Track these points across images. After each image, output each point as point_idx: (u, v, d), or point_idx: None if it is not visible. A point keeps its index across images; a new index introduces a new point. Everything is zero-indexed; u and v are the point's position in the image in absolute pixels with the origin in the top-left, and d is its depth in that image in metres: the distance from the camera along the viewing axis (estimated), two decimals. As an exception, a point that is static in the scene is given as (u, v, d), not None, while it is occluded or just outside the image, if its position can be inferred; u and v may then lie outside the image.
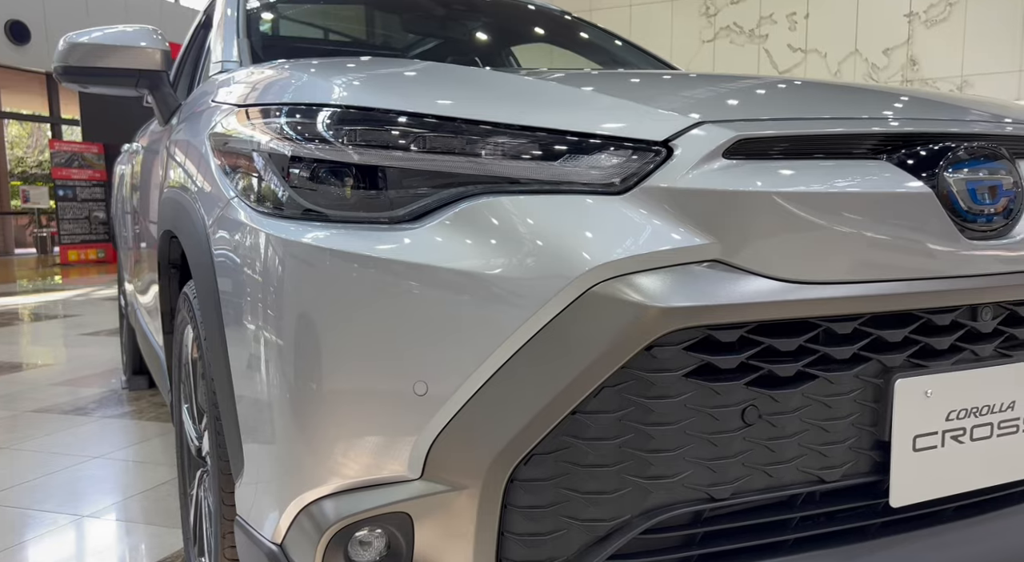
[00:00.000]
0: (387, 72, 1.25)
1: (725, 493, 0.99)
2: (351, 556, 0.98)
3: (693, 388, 0.96)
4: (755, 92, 1.22)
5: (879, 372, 1.04)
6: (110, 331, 5.74)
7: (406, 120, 1.03)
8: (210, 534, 1.37)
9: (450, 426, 0.94)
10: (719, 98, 1.16)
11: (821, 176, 1.01)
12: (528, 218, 0.96)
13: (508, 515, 0.95)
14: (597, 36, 2.89)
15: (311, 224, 1.03)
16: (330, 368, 0.98)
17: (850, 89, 1.34)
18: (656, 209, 0.97)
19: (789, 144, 1.03)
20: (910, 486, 1.05)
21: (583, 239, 0.95)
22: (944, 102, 1.25)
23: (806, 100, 1.21)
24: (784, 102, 1.18)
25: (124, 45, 1.85)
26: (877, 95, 1.26)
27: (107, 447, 2.93)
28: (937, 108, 1.21)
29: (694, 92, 1.20)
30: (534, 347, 0.93)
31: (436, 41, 2.88)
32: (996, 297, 1.09)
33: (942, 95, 1.37)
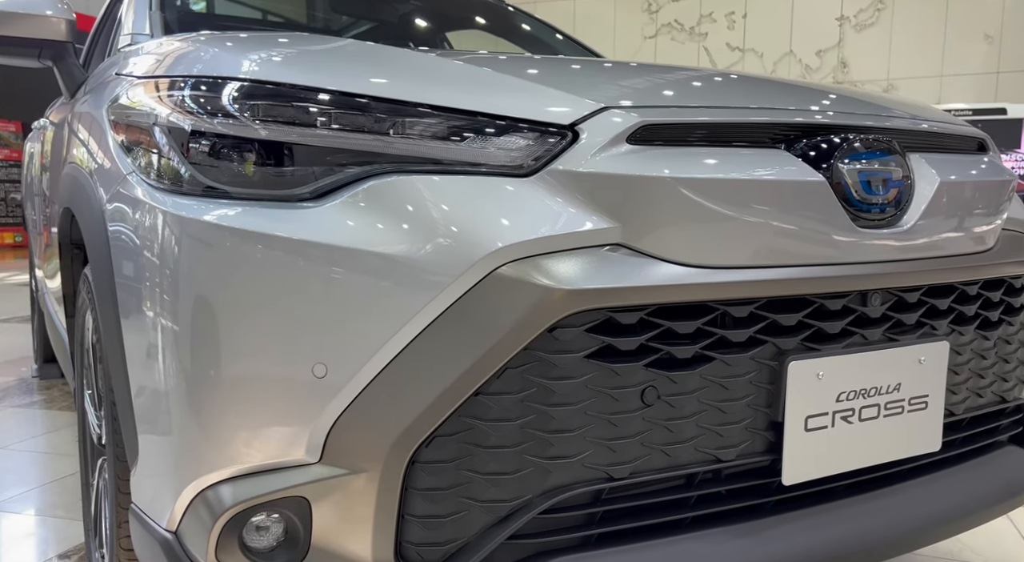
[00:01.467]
0: (299, 48, 1.22)
1: (624, 472, 1.01)
2: (246, 542, 0.96)
3: (594, 369, 0.98)
4: (664, 80, 1.24)
5: (774, 355, 1.07)
6: (23, 318, 5.50)
7: (312, 96, 1.01)
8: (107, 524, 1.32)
9: (350, 409, 0.93)
10: (628, 85, 1.17)
11: (721, 164, 1.03)
12: (433, 198, 0.96)
13: (409, 497, 0.95)
14: (534, 27, 2.89)
15: (211, 201, 1.00)
16: (226, 351, 0.96)
17: (756, 81, 1.37)
18: (561, 192, 0.98)
19: (691, 131, 1.05)
20: (801, 465, 1.09)
21: (487, 221, 0.95)
22: (843, 96, 1.30)
23: (712, 90, 1.24)
24: (691, 91, 1.20)
25: (27, 13, 1.76)
26: (781, 87, 1.30)
27: (12, 438, 2.81)
28: (836, 102, 1.25)
29: (604, 78, 1.21)
30: (437, 329, 0.92)
31: (369, 24, 2.83)
32: (885, 284, 1.13)
33: (842, 90, 1.42)
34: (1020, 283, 1.35)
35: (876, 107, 1.27)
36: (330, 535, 0.95)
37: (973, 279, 1.25)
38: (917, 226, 1.15)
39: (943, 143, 1.29)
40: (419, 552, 0.96)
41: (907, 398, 1.17)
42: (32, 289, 4.16)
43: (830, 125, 1.13)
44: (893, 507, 1.20)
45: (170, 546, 1.01)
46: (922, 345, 1.18)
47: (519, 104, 1.03)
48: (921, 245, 1.16)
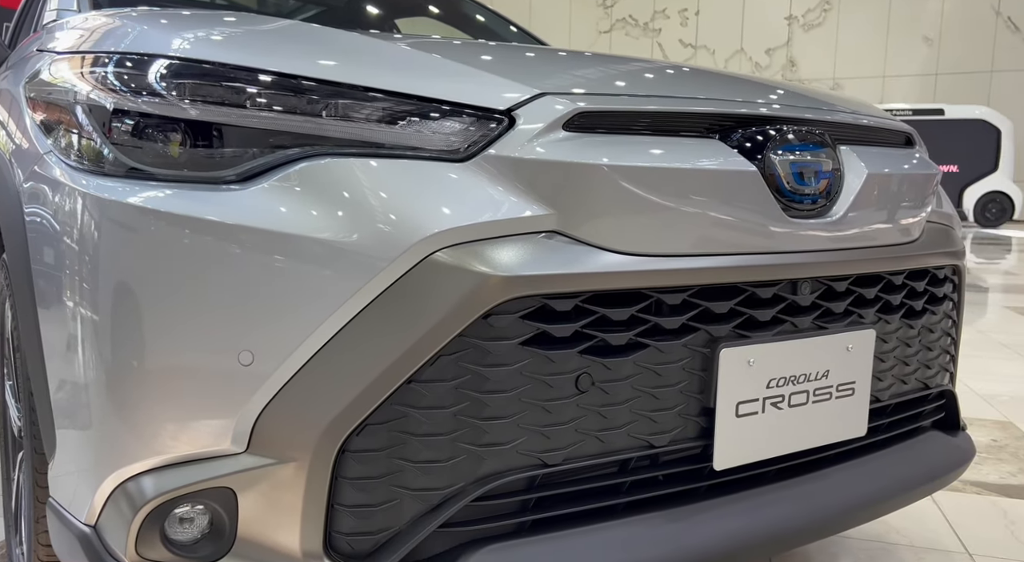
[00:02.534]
0: (231, 28, 1.18)
1: (558, 459, 1.01)
2: (168, 535, 0.93)
3: (529, 356, 0.97)
4: (604, 69, 1.24)
5: (706, 342, 1.08)
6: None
7: (242, 76, 0.98)
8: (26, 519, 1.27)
9: (277, 398, 0.91)
10: (568, 72, 1.17)
11: (655, 152, 1.04)
12: (365, 182, 0.94)
13: (338, 487, 0.93)
14: (487, 18, 2.87)
15: (135, 183, 0.97)
16: (148, 340, 0.93)
17: (696, 72, 1.38)
18: (497, 178, 0.97)
19: (627, 120, 1.05)
20: (732, 450, 1.11)
21: (421, 205, 0.94)
22: (779, 89, 1.32)
23: (652, 80, 1.24)
24: (630, 80, 1.21)
25: None
26: (720, 79, 1.31)
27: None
28: (772, 94, 1.27)
29: (544, 65, 1.21)
30: (368, 316, 0.91)
31: (317, 8, 2.78)
32: (814, 273, 1.16)
33: (779, 83, 1.44)
34: (943, 274, 1.39)
35: (810, 100, 1.30)
36: (257, 526, 0.93)
37: (899, 269, 1.28)
38: (846, 217, 1.18)
39: (873, 136, 1.32)
40: (349, 542, 0.95)
41: (835, 385, 1.20)
42: None
43: (764, 116, 1.15)
44: (820, 491, 1.23)
45: (88, 541, 0.97)
46: (849, 333, 1.20)
47: (455, 88, 1.01)
48: (849, 235, 1.19)
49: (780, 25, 18.36)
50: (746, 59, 18.44)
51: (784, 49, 18.50)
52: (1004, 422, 2.72)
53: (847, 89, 17.81)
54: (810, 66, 18.11)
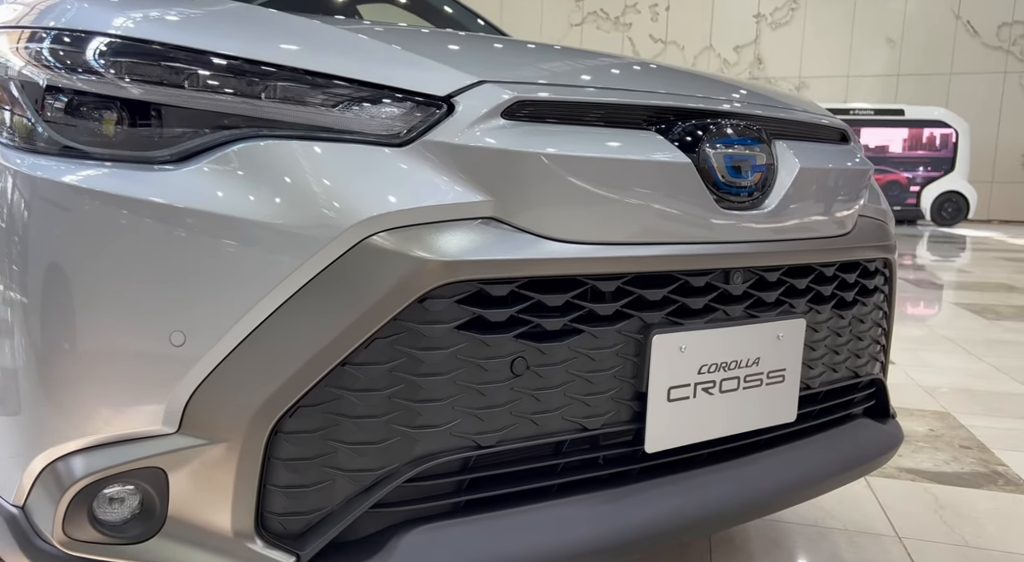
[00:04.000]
0: (172, 7, 1.17)
1: (492, 441, 1.03)
2: (97, 515, 0.93)
3: (464, 340, 0.99)
4: (546, 60, 1.26)
5: (639, 328, 1.11)
6: None
7: (179, 55, 0.98)
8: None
9: (209, 379, 0.92)
10: (511, 61, 1.18)
11: (592, 142, 1.06)
12: (302, 165, 0.95)
13: (271, 467, 0.94)
14: (453, 8, 2.86)
15: (68, 162, 0.96)
16: (79, 320, 0.92)
17: (638, 65, 1.40)
18: (434, 164, 0.98)
19: (566, 109, 1.07)
20: (663, 434, 1.14)
21: (358, 189, 0.95)
22: (718, 83, 1.35)
23: (594, 71, 1.26)
24: (572, 71, 1.22)
25: None
26: (660, 72, 1.33)
27: None
28: (710, 88, 1.29)
29: (488, 54, 1.22)
30: (302, 298, 0.92)
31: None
32: (746, 263, 1.19)
33: (720, 77, 1.47)
34: (874, 266, 1.44)
35: (749, 96, 1.33)
36: (188, 506, 0.94)
37: (830, 261, 1.32)
38: (778, 209, 1.21)
39: (808, 132, 1.36)
40: (281, 522, 0.95)
41: (765, 371, 1.24)
42: None
43: (701, 110, 1.17)
44: (751, 475, 1.27)
45: (16, 522, 0.97)
46: (780, 322, 1.24)
47: (396, 74, 1.02)
48: (781, 227, 1.23)
49: (748, 23, 18.59)
50: (715, 56, 18.65)
51: (752, 47, 18.75)
52: (943, 413, 2.81)
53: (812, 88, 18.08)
54: (777, 64, 18.38)
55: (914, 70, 18.27)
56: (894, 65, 18.33)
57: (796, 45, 18.60)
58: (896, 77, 18.44)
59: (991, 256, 9.43)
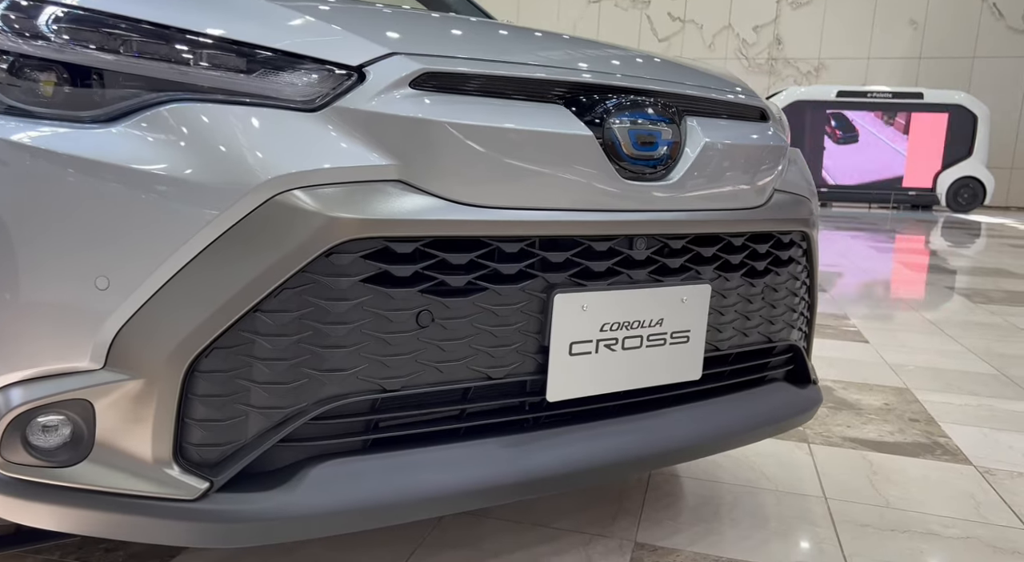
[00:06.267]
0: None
1: (397, 385, 1.12)
2: (31, 440, 1.04)
3: (370, 293, 1.08)
4: (459, 32, 1.34)
5: (543, 288, 1.19)
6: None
7: (109, 21, 1.07)
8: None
9: (131, 321, 1.01)
10: (422, 34, 1.26)
11: (498, 113, 1.14)
12: (218, 127, 1.04)
13: (188, 403, 1.04)
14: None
15: (8, 119, 1.06)
16: (12, 262, 1.02)
17: (556, 39, 1.47)
18: (345, 129, 1.07)
19: (474, 82, 1.15)
20: (564, 385, 1.23)
21: (270, 151, 1.03)
22: (636, 59, 1.42)
23: (508, 45, 1.33)
24: (484, 44, 1.30)
25: None
26: (578, 47, 1.41)
27: None
28: (625, 65, 1.36)
29: (404, 26, 1.29)
30: (215, 250, 1.01)
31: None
32: (648, 230, 1.27)
33: (640, 53, 1.53)
34: (789, 238, 1.51)
35: (663, 72, 1.40)
36: (113, 435, 1.04)
37: (738, 232, 1.40)
38: (682, 181, 1.29)
39: (722, 109, 1.43)
40: (197, 452, 1.06)
41: (669, 332, 1.32)
42: None
43: (610, 86, 1.25)
44: (656, 427, 1.36)
45: None
46: (685, 287, 1.32)
47: (312, 43, 1.11)
48: (686, 198, 1.30)
49: (768, 2, 18.35)
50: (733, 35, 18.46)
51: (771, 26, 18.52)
52: (901, 389, 2.88)
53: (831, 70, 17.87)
54: (796, 45, 18.16)
55: (937, 53, 17.99)
56: (916, 47, 18.05)
57: (816, 26, 18.36)
58: (918, 60, 18.17)
59: (999, 242, 9.40)
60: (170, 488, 1.04)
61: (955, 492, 1.96)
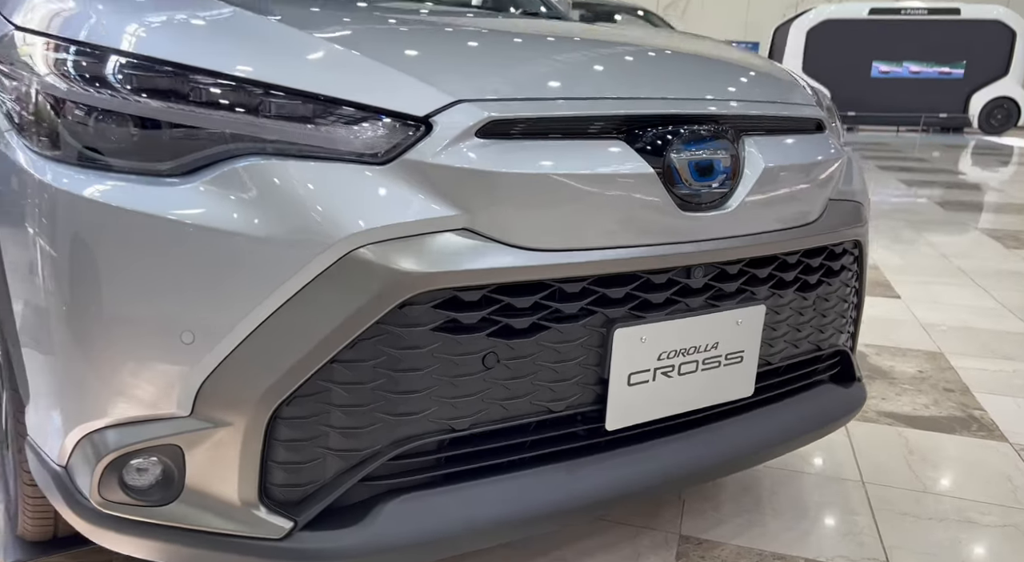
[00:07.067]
0: (182, 16, 1.24)
1: (464, 425, 1.17)
2: (126, 481, 1.10)
3: (440, 339, 1.11)
4: (520, 64, 1.31)
5: (603, 323, 1.22)
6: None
7: (186, 75, 1.08)
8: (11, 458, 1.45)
9: (216, 372, 1.06)
10: (484, 71, 1.24)
11: (561, 157, 1.14)
12: (294, 181, 1.05)
13: (271, 447, 1.09)
14: None
15: (85, 171, 1.08)
16: (103, 316, 1.06)
17: (613, 58, 1.44)
18: (413, 181, 1.08)
19: (537, 125, 1.14)
20: (623, 414, 1.27)
21: (344, 206, 1.05)
22: (693, 78, 1.39)
23: (566, 75, 1.30)
24: (544, 76, 1.28)
25: None
26: (635, 69, 1.39)
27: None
28: (684, 85, 1.34)
29: (462, 62, 1.27)
30: (295, 305, 1.04)
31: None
32: (707, 260, 1.28)
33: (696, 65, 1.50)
34: (842, 248, 1.51)
35: (721, 89, 1.38)
36: (202, 477, 1.10)
37: (794, 250, 1.40)
38: (741, 207, 1.29)
39: (779, 125, 1.41)
40: (281, 492, 1.12)
41: (724, 354, 1.35)
42: None
43: (669, 116, 1.23)
44: (709, 442, 1.40)
45: (61, 479, 1.14)
46: (739, 309, 1.34)
47: (380, 93, 1.10)
48: (744, 223, 1.30)
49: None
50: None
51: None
52: (935, 353, 2.90)
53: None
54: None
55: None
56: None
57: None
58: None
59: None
60: (257, 528, 1.10)
61: (991, 474, 2.01)
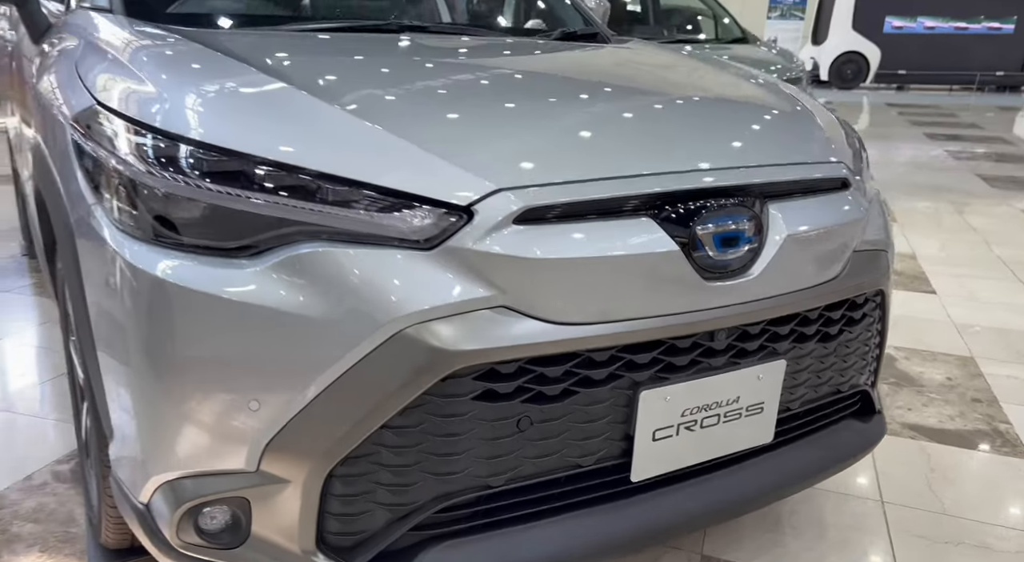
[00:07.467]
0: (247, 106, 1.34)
1: (500, 481, 1.28)
2: (200, 525, 1.25)
3: (478, 407, 1.22)
4: (551, 139, 1.37)
5: (629, 385, 1.31)
6: (4, 178, 5.54)
7: (255, 166, 1.19)
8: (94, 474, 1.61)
9: (280, 435, 1.18)
10: (519, 152, 1.31)
11: (592, 239, 1.22)
12: (350, 268, 1.16)
13: (327, 500, 1.22)
14: None
15: (161, 249, 1.20)
16: (179, 382, 1.19)
17: (640, 126, 1.50)
18: (455, 264, 1.17)
19: (569, 208, 1.23)
20: (648, 467, 1.37)
21: (394, 289, 1.15)
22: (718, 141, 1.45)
23: (596, 150, 1.37)
24: (575, 156, 1.33)
25: None
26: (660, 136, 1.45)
27: (6, 328, 3.06)
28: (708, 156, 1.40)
29: (500, 140, 1.34)
30: (350, 378, 1.16)
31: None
32: (730, 323, 1.36)
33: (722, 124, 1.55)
34: (863, 298, 1.57)
35: (747, 155, 1.43)
36: (266, 526, 1.24)
37: (816, 306, 1.47)
38: (764, 273, 1.36)
39: (804, 187, 1.46)
40: (336, 539, 1.25)
41: (744, 406, 1.44)
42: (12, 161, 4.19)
43: (695, 190, 1.30)
44: (729, 484, 1.49)
45: (143, 516, 1.29)
46: (761, 365, 1.42)
47: (428, 183, 1.19)
48: (766, 287, 1.37)
49: None
50: None
51: None
52: (965, 359, 2.93)
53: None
54: None
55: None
56: None
57: None
58: None
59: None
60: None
61: (1012, 494, 2.08)
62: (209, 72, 1.46)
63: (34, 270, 3.76)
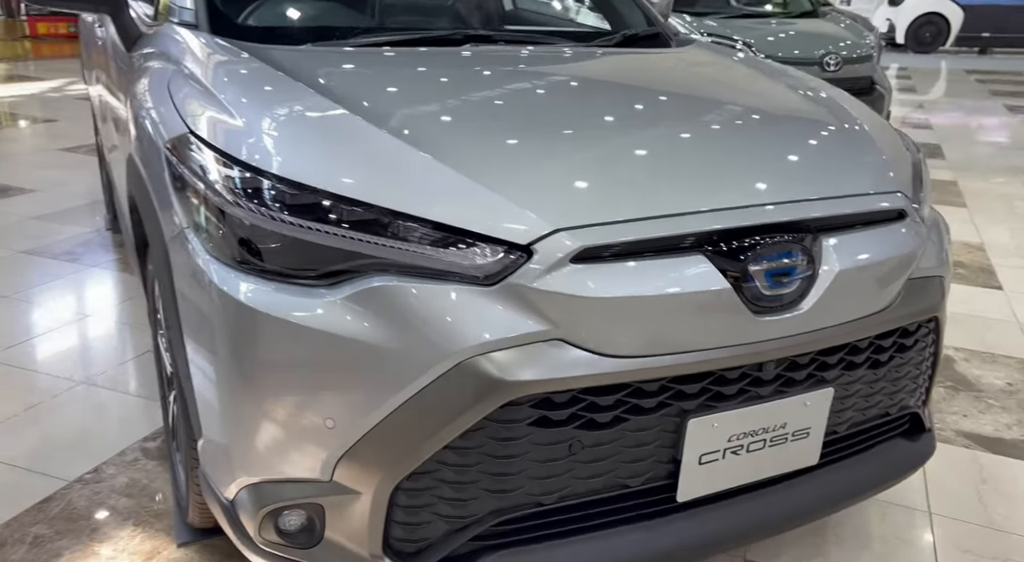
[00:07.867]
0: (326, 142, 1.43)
1: (552, 499, 1.38)
2: (279, 526, 1.38)
3: (533, 431, 1.31)
4: (608, 175, 1.42)
5: (677, 413, 1.38)
6: (88, 148, 5.82)
7: (332, 200, 1.29)
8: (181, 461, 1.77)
9: (352, 450, 1.29)
10: (576, 190, 1.37)
11: (646, 278, 1.28)
12: (418, 301, 1.25)
13: (393, 511, 1.33)
14: None
15: (245, 274, 1.31)
16: (263, 400, 1.31)
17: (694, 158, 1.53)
18: (515, 300, 1.25)
19: (625, 248, 1.29)
20: (694, 488, 1.44)
21: (458, 322, 1.24)
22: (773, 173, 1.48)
23: (650, 187, 1.41)
24: (630, 193, 1.38)
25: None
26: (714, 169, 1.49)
27: (93, 305, 3.26)
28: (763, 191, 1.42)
29: (559, 177, 1.40)
30: (416, 402, 1.25)
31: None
32: (778, 355, 1.40)
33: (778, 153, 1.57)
34: (915, 325, 1.59)
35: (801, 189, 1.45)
36: (338, 530, 1.36)
37: (866, 335, 1.50)
38: (815, 307, 1.39)
39: (861, 220, 1.48)
40: (400, 545, 1.37)
41: (791, 432, 1.49)
42: (97, 142, 4.39)
43: (747, 228, 1.34)
44: (775, 501, 1.55)
45: (227, 510, 1.43)
46: (808, 393, 1.46)
47: (491, 222, 1.27)
48: (817, 320, 1.41)
49: None
50: None
51: None
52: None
53: None
54: None
55: None
56: None
57: None
58: None
59: None
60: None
61: (1062, 512, 2.08)
62: (286, 101, 1.54)
63: (118, 245, 3.96)
